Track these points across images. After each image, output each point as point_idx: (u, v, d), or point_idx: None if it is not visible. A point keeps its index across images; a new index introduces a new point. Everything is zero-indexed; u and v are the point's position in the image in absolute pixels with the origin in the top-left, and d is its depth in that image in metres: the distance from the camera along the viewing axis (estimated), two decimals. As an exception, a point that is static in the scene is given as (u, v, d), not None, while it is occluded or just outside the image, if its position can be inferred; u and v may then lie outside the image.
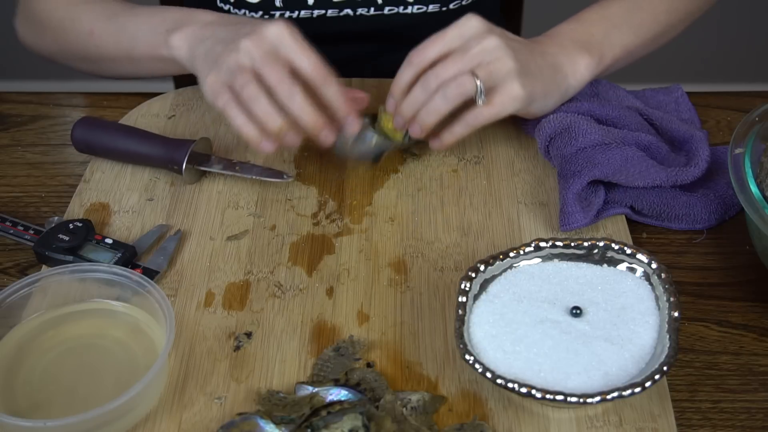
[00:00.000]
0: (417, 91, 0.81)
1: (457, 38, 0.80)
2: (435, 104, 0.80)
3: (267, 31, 0.78)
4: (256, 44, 0.77)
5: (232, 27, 0.83)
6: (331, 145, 0.81)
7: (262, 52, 0.77)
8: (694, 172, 0.83)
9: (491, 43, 0.79)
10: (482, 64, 0.79)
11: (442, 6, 1.03)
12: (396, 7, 1.03)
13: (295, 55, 0.78)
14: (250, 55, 0.77)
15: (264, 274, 0.78)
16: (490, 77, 0.79)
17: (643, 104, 0.94)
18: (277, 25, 0.78)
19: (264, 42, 0.77)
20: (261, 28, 0.78)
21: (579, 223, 0.80)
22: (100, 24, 0.92)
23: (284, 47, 0.78)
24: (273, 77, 0.77)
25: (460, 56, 0.79)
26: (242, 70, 0.77)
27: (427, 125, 0.81)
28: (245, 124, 0.78)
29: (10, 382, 0.67)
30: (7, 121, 0.98)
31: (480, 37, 0.80)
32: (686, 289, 0.79)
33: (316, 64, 0.78)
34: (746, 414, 0.69)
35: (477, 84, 0.79)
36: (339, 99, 0.80)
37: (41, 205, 0.88)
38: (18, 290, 0.70)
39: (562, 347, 0.67)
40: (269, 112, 0.77)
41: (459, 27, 0.81)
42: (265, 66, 0.77)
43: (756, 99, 1.00)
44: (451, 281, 0.77)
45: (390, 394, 0.66)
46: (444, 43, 0.80)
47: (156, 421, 0.67)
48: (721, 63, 2.27)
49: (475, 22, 0.81)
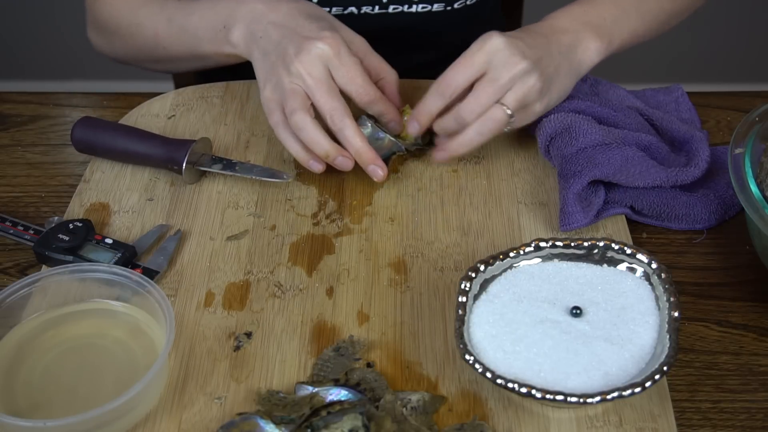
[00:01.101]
0: (449, 123, 0.82)
1: (484, 63, 0.80)
2: (469, 138, 0.82)
3: (313, 51, 0.80)
4: (306, 69, 0.80)
5: (281, 30, 0.83)
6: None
7: (313, 80, 0.80)
8: (694, 172, 0.83)
9: (519, 68, 0.79)
10: (511, 91, 0.80)
11: (447, 5, 1.03)
12: (401, 5, 1.03)
13: (342, 80, 0.81)
14: (302, 78, 0.80)
15: (264, 274, 0.78)
16: (519, 106, 0.81)
17: (644, 104, 0.94)
18: (324, 42, 0.80)
19: (314, 67, 0.80)
20: (308, 45, 0.80)
21: (579, 223, 0.80)
22: (163, 26, 0.93)
23: (334, 69, 0.81)
24: (326, 106, 0.80)
25: (490, 86, 0.80)
26: (294, 93, 0.80)
27: (457, 155, 0.84)
28: (293, 145, 0.82)
29: (10, 382, 0.67)
30: (7, 121, 0.98)
31: (508, 63, 0.79)
32: (686, 289, 0.79)
33: (362, 86, 0.81)
34: (746, 414, 0.69)
35: (509, 117, 0.80)
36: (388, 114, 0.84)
37: (41, 205, 0.88)
38: (18, 290, 0.70)
39: (562, 347, 0.67)
40: (315, 141, 0.80)
41: (484, 51, 0.80)
42: (316, 93, 0.80)
43: (756, 99, 1.00)
44: (451, 281, 0.77)
45: (390, 394, 0.66)
46: (473, 70, 0.80)
47: (156, 421, 0.67)
48: (721, 63, 2.27)
49: (498, 42, 0.80)
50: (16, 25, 2.20)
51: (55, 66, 2.24)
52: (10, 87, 1.07)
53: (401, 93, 0.89)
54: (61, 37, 2.17)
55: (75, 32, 1.84)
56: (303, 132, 0.80)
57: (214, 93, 0.98)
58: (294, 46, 0.81)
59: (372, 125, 0.86)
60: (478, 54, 0.80)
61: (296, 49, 0.81)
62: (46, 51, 2.23)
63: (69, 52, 2.19)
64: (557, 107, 0.88)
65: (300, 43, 0.81)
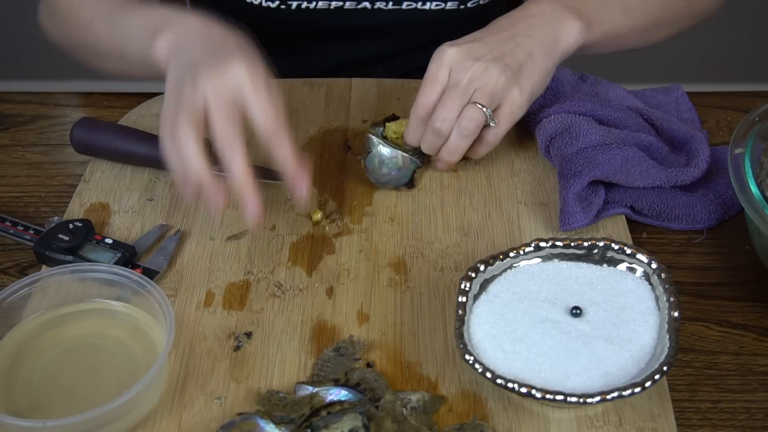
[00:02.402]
0: (431, 139, 0.83)
1: (444, 75, 0.81)
2: (454, 144, 0.82)
3: (229, 71, 0.71)
4: (214, 84, 0.70)
5: (207, 47, 0.76)
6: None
7: (215, 98, 0.70)
8: (694, 172, 0.83)
9: (476, 68, 0.81)
10: (478, 90, 0.81)
11: (461, 4, 1.03)
12: (414, 2, 1.02)
13: (252, 106, 0.71)
14: (205, 94, 0.70)
15: (264, 274, 0.78)
16: (491, 99, 0.81)
17: (644, 104, 0.94)
18: (241, 64, 0.71)
19: (223, 86, 0.71)
20: (224, 64, 0.71)
21: (579, 223, 0.80)
22: (99, 17, 0.88)
23: (242, 94, 0.71)
24: (219, 127, 0.70)
25: (454, 93, 0.81)
26: (189, 108, 0.71)
27: (452, 162, 0.84)
28: (174, 161, 0.71)
29: (10, 382, 0.67)
30: (7, 121, 0.98)
31: (463, 67, 0.81)
32: (686, 289, 0.79)
33: (271, 120, 0.71)
34: (746, 414, 0.69)
35: (484, 111, 0.81)
36: (289, 161, 0.72)
37: (41, 205, 0.88)
38: (18, 290, 0.70)
39: (562, 347, 0.67)
40: (190, 160, 0.70)
41: (443, 64, 0.82)
42: (213, 113, 0.70)
43: (756, 99, 1.00)
44: (451, 281, 0.77)
45: (390, 394, 0.66)
46: (439, 86, 0.81)
47: (156, 421, 0.67)
48: (721, 63, 2.27)
49: (451, 52, 0.82)
50: (16, 25, 2.20)
51: (55, 66, 2.23)
52: (10, 87, 1.07)
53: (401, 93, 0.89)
54: (61, 37, 2.17)
55: (75, 32, 1.84)
56: (182, 148, 0.69)
57: (214, 93, 0.98)
58: (210, 61, 0.72)
59: (379, 143, 0.85)
60: (439, 70, 0.81)
61: (210, 66, 0.72)
62: (46, 51, 2.22)
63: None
64: (557, 108, 0.88)
65: (217, 60, 0.72)
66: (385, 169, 0.85)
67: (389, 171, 0.85)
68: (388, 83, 0.99)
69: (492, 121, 0.81)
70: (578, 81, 0.97)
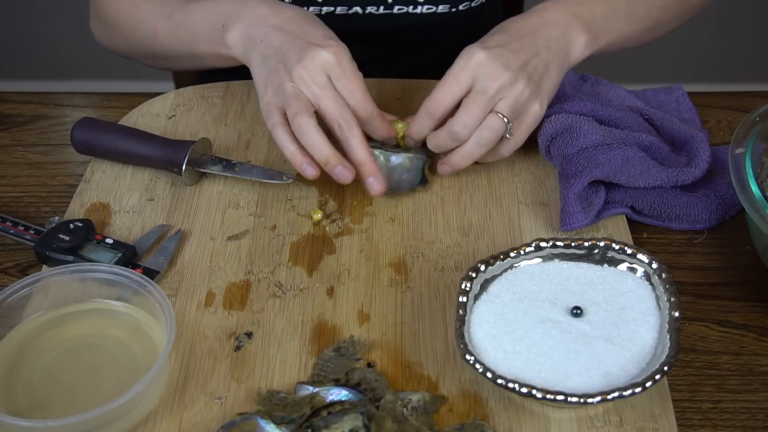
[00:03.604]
0: (443, 139, 0.82)
1: (470, 80, 0.80)
2: (470, 151, 0.82)
3: (318, 59, 0.79)
4: (310, 75, 0.79)
5: (283, 35, 0.82)
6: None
7: (317, 87, 0.79)
8: (695, 172, 0.83)
9: (505, 78, 0.80)
10: (503, 100, 0.80)
11: (452, 7, 1.03)
12: (406, 6, 1.02)
13: (344, 91, 0.80)
14: (306, 84, 0.79)
15: (264, 274, 0.78)
16: (513, 111, 0.81)
17: (644, 104, 0.94)
18: (327, 51, 0.79)
19: (317, 74, 0.79)
20: (313, 52, 0.79)
21: (580, 223, 0.80)
22: (162, 23, 0.92)
23: (335, 79, 0.80)
24: (334, 114, 0.79)
25: (480, 100, 0.80)
26: (297, 97, 0.79)
27: (460, 168, 0.84)
28: (289, 146, 0.79)
29: (11, 382, 0.67)
30: (8, 121, 0.98)
31: (494, 75, 0.80)
32: (687, 289, 0.79)
33: (362, 100, 0.80)
34: (747, 414, 0.69)
35: (506, 123, 0.80)
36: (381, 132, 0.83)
37: (42, 205, 0.88)
38: (18, 290, 0.70)
39: (562, 347, 0.67)
40: (316, 145, 0.78)
41: (469, 68, 0.80)
42: (322, 100, 0.79)
43: (756, 99, 1.00)
44: (451, 281, 0.77)
45: (390, 394, 0.66)
46: (459, 88, 0.80)
47: (156, 421, 0.67)
48: (721, 63, 2.27)
49: (481, 56, 0.80)
50: (16, 25, 2.20)
51: (56, 66, 2.24)
52: (10, 87, 1.07)
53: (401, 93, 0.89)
54: (62, 37, 2.17)
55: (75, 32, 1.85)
56: (305, 135, 0.78)
57: (214, 93, 0.98)
58: (296, 51, 0.80)
59: (380, 153, 0.84)
60: (463, 71, 0.80)
61: (299, 55, 0.80)
62: (46, 51, 2.23)
63: (69, 52, 2.19)
64: (558, 108, 0.88)
65: (303, 49, 0.80)
66: (395, 175, 0.84)
67: (399, 176, 0.84)
68: (389, 83, 0.98)
69: (509, 133, 0.81)
70: (579, 81, 0.97)
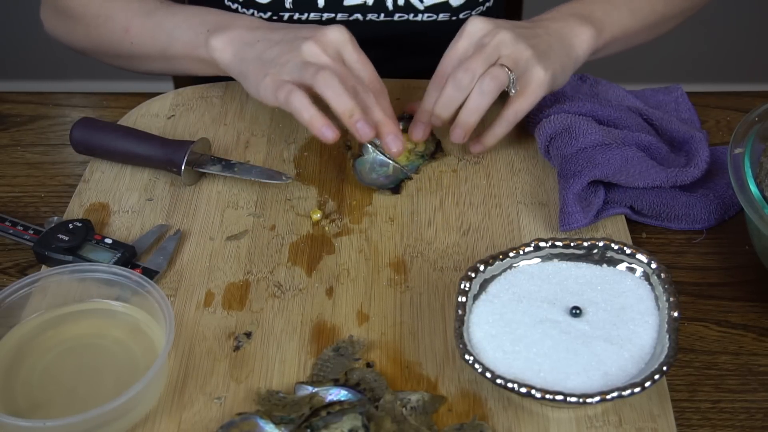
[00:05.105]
0: (450, 90, 0.82)
1: (469, 44, 0.82)
2: (474, 102, 0.81)
3: (329, 34, 0.80)
4: (320, 47, 0.79)
5: (284, 31, 0.83)
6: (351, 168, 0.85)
7: (328, 57, 0.79)
8: (694, 172, 0.83)
9: (503, 36, 0.81)
10: (503, 56, 0.81)
11: (452, 15, 1.03)
12: (406, 14, 1.03)
13: (356, 64, 0.81)
14: (316, 57, 0.79)
15: (264, 274, 0.78)
16: (516, 67, 0.81)
17: (643, 104, 0.94)
18: (338, 29, 0.80)
19: (328, 46, 0.79)
20: (322, 31, 0.80)
21: (579, 223, 0.80)
22: (137, 21, 0.91)
23: (347, 54, 0.80)
24: (349, 79, 0.79)
25: (479, 53, 0.81)
26: (314, 63, 0.78)
27: (470, 126, 0.83)
28: (309, 109, 0.77)
29: (10, 382, 0.67)
30: (7, 121, 0.98)
31: (491, 34, 0.81)
32: (686, 289, 0.79)
33: (374, 75, 0.81)
34: (746, 414, 0.69)
35: (509, 74, 0.80)
36: (389, 113, 0.81)
37: (41, 205, 0.88)
38: (18, 290, 0.70)
39: (561, 347, 0.67)
40: (341, 98, 0.76)
41: (467, 33, 0.83)
42: (338, 68, 0.79)
43: (756, 99, 1.00)
44: (450, 281, 0.77)
45: (390, 394, 0.66)
46: (460, 54, 0.82)
47: (156, 421, 0.67)
48: (721, 63, 2.27)
49: (479, 23, 0.82)
50: (16, 25, 2.20)
51: (55, 66, 2.24)
52: (9, 87, 1.07)
53: (401, 93, 0.89)
54: (61, 37, 2.17)
55: (75, 32, 1.83)
56: (329, 89, 0.76)
57: (213, 93, 0.98)
58: (307, 30, 0.81)
59: (374, 150, 0.86)
60: (462, 39, 0.82)
61: (310, 33, 0.80)
62: (46, 51, 2.22)
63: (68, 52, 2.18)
64: (557, 108, 0.88)
65: (313, 29, 0.81)
66: (374, 174, 0.86)
67: (378, 177, 0.86)
68: (388, 83, 0.98)
69: (514, 87, 0.81)
70: (578, 81, 0.97)
